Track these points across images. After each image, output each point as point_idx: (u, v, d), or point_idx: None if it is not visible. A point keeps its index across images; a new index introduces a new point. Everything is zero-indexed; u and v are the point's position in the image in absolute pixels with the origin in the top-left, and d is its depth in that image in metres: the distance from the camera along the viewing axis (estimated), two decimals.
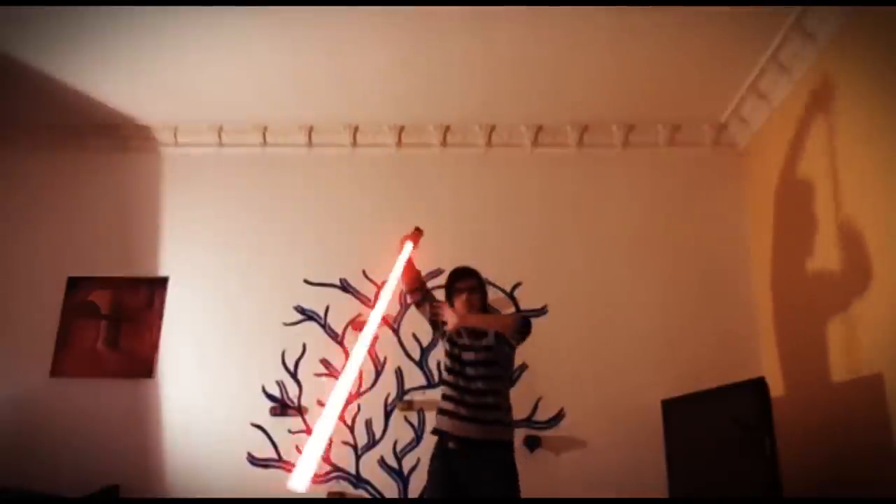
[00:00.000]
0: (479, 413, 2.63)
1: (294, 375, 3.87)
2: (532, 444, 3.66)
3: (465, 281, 2.84)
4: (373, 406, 3.81)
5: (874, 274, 2.72)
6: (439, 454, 2.68)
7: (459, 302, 2.80)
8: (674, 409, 3.37)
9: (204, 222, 4.17)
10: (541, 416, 3.74)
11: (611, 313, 3.90)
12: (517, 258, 4.01)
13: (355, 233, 4.12)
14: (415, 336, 3.91)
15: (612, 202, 4.14)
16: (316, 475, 3.69)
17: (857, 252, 2.84)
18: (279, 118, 4.20)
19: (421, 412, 3.78)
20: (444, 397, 2.73)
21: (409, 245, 2.89)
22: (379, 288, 2.69)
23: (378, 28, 3.29)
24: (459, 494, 2.59)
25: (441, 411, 2.71)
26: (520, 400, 3.73)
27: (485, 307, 2.90)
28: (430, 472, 2.69)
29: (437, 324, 2.86)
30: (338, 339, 3.93)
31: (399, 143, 4.26)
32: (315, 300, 3.99)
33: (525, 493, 3.51)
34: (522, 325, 2.68)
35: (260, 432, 3.77)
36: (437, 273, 4.00)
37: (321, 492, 3.66)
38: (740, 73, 3.63)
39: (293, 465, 3.71)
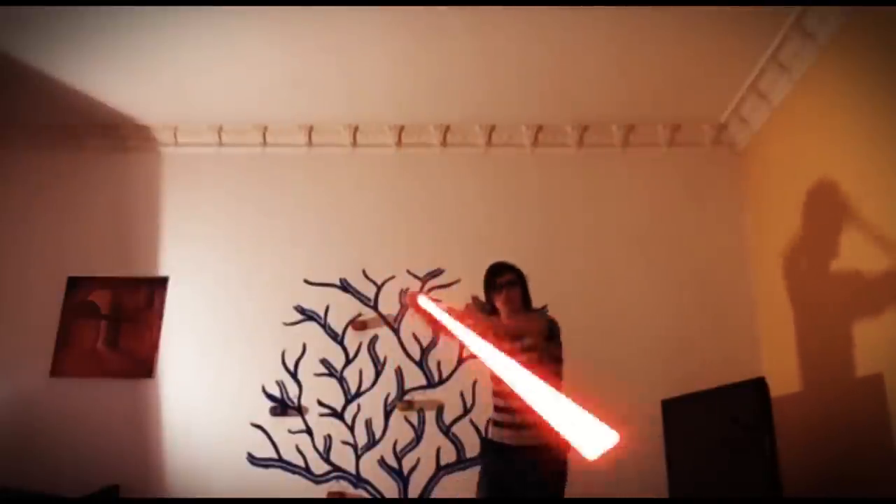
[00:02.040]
0: None
1: (294, 375, 3.87)
2: None
3: (503, 276, 2.76)
4: (373, 406, 3.81)
5: (874, 273, 2.72)
6: None
7: (500, 300, 2.74)
8: (674, 409, 3.37)
9: (204, 222, 4.17)
10: None
11: (611, 313, 3.90)
12: (517, 258, 3.96)
13: (355, 233, 4.13)
14: (415, 336, 3.91)
15: (613, 202, 4.13)
16: (316, 475, 3.70)
17: (857, 252, 2.84)
18: (279, 118, 4.20)
19: (421, 412, 3.77)
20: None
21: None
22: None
23: (378, 28, 3.29)
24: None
25: None
26: None
27: (528, 300, 2.83)
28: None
29: None
30: (338, 339, 3.93)
31: (399, 143, 4.26)
32: (315, 300, 3.99)
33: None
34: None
35: (260, 432, 3.77)
36: (437, 273, 4.01)
37: (321, 492, 3.66)
38: (740, 73, 3.63)
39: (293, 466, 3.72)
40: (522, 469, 2.60)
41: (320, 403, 3.82)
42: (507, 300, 2.72)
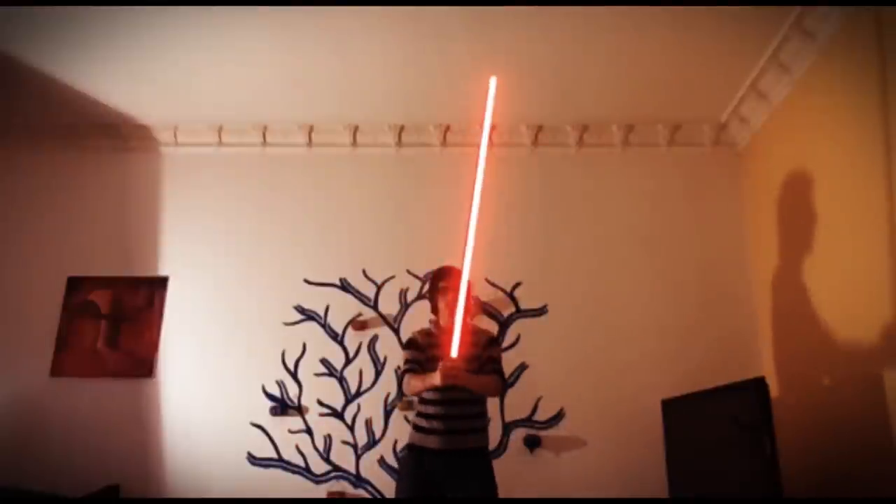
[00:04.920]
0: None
1: (294, 375, 3.87)
2: (532, 444, 3.66)
3: (450, 279, 2.76)
4: (373, 406, 3.81)
5: (874, 274, 2.72)
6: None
7: (444, 302, 2.76)
8: (674, 409, 3.38)
9: (204, 222, 4.18)
10: (541, 416, 3.74)
11: (611, 313, 3.90)
12: (517, 258, 4.01)
13: (355, 232, 4.13)
14: None
15: (613, 202, 4.14)
16: (316, 475, 3.71)
17: (856, 252, 2.84)
18: (279, 118, 4.20)
19: None
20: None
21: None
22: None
23: (378, 28, 3.29)
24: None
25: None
26: (520, 400, 3.75)
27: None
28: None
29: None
30: (338, 338, 3.93)
31: (399, 142, 4.26)
32: (315, 300, 3.99)
33: (525, 493, 3.53)
34: (503, 387, 2.79)
35: (260, 432, 3.77)
36: None
37: (321, 492, 3.66)
38: (740, 73, 3.63)
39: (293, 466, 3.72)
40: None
41: (320, 403, 3.82)
42: (451, 304, 2.70)
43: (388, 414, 3.79)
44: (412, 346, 2.76)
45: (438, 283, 2.83)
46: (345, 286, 4.02)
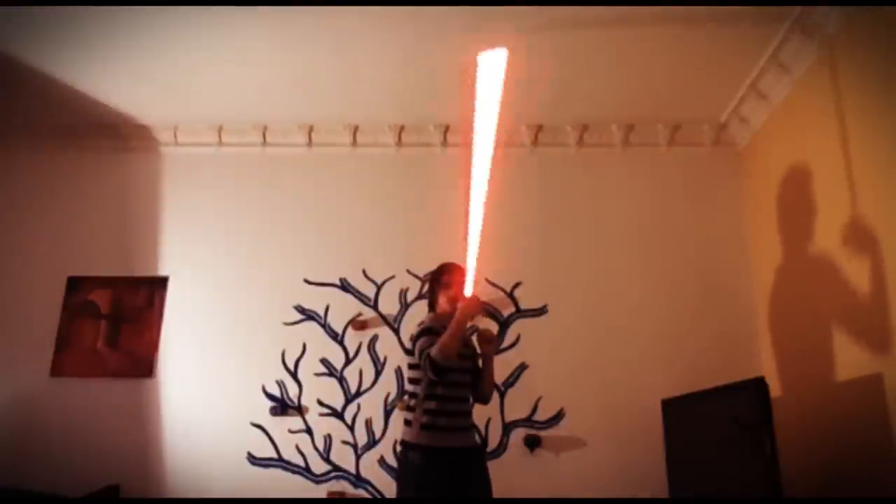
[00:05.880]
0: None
1: (294, 375, 3.87)
2: (532, 443, 3.66)
3: (452, 274, 2.81)
4: (373, 405, 3.81)
5: (874, 273, 2.72)
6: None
7: (446, 296, 2.78)
8: (674, 409, 3.38)
9: (204, 222, 4.18)
10: (541, 416, 3.74)
11: (611, 313, 3.90)
12: (517, 258, 4.01)
13: (355, 232, 4.13)
14: None
15: (613, 202, 4.14)
16: (316, 475, 3.71)
17: (856, 251, 2.84)
18: (279, 118, 4.20)
19: None
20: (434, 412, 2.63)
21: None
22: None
23: (379, 27, 3.29)
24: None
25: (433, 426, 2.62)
26: (520, 400, 3.75)
27: None
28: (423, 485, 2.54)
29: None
30: (338, 338, 3.93)
31: (399, 142, 4.26)
32: (315, 300, 3.99)
33: (525, 493, 3.54)
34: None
35: (260, 432, 3.77)
36: None
37: (321, 492, 3.66)
38: (740, 73, 3.63)
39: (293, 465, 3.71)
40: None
41: (320, 403, 3.82)
42: (454, 299, 2.75)
43: (388, 414, 3.79)
44: (430, 332, 2.67)
45: (441, 277, 2.85)
46: (345, 286, 4.02)
